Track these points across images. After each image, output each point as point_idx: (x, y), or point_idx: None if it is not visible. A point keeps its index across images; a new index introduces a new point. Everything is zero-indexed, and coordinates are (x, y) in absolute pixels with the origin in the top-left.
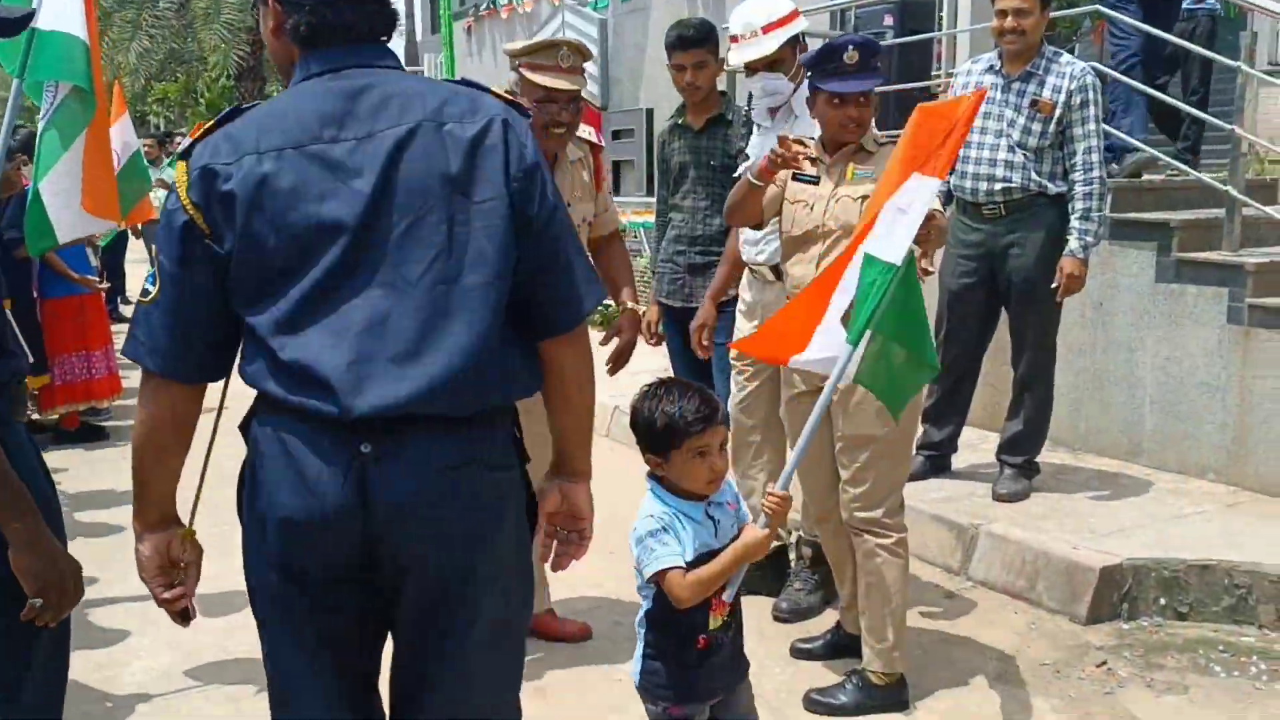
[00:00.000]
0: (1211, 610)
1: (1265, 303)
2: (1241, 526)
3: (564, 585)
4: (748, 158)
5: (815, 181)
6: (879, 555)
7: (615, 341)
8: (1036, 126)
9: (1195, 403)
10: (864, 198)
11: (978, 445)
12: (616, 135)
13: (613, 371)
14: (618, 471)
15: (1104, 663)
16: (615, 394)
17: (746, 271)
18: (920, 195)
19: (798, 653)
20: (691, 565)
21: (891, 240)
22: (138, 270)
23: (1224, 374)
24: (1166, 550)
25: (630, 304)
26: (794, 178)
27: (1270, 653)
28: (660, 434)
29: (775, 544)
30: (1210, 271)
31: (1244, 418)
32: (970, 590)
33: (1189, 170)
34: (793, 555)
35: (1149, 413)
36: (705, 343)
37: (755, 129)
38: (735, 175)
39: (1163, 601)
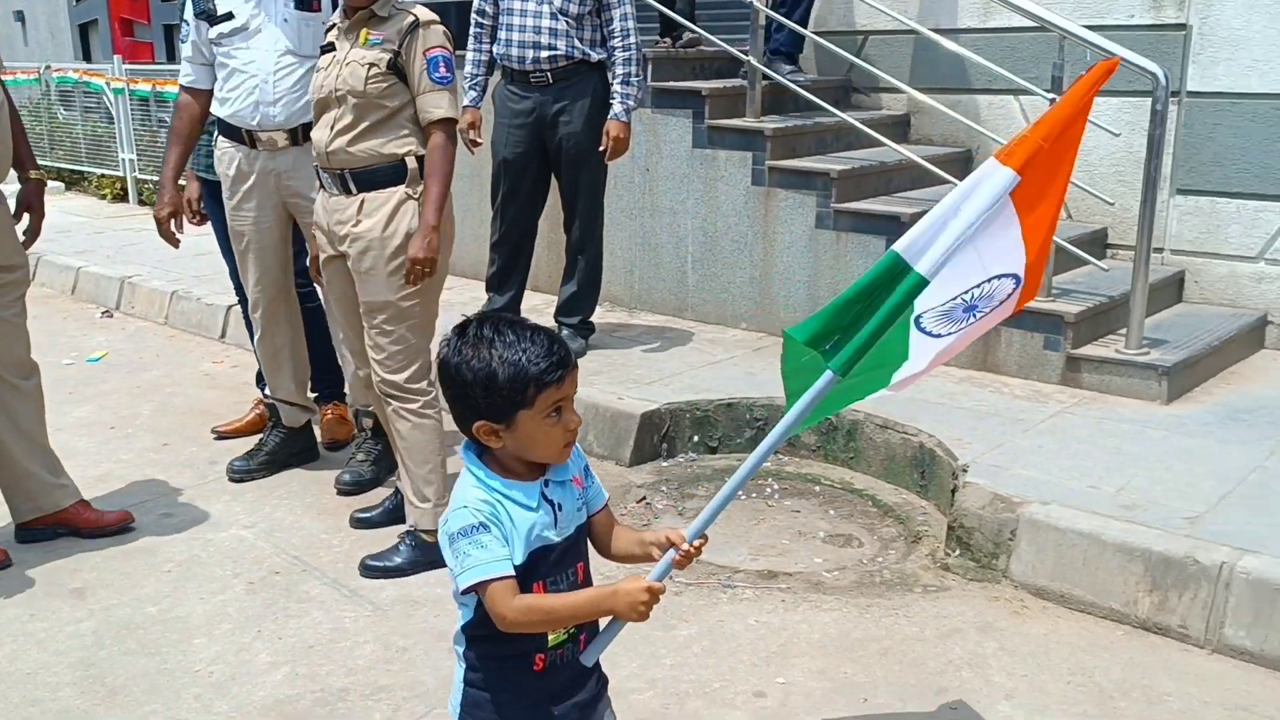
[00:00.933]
0: (736, 442)
1: (781, 164)
2: (764, 367)
3: (106, 478)
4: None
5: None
6: (407, 419)
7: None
8: None
9: (729, 259)
10: (371, 64)
11: (543, 310)
12: None
13: (27, 246)
14: (173, 358)
15: (644, 498)
16: (172, 281)
17: (223, 140)
18: (983, 188)
19: (357, 522)
20: (524, 568)
21: (932, 240)
22: None
23: (750, 232)
24: (699, 393)
25: (33, 173)
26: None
27: (782, 474)
28: (504, 391)
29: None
30: (736, 137)
31: (768, 270)
32: None
33: (717, 41)
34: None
35: (692, 270)
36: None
37: None
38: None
39: (696, 439)
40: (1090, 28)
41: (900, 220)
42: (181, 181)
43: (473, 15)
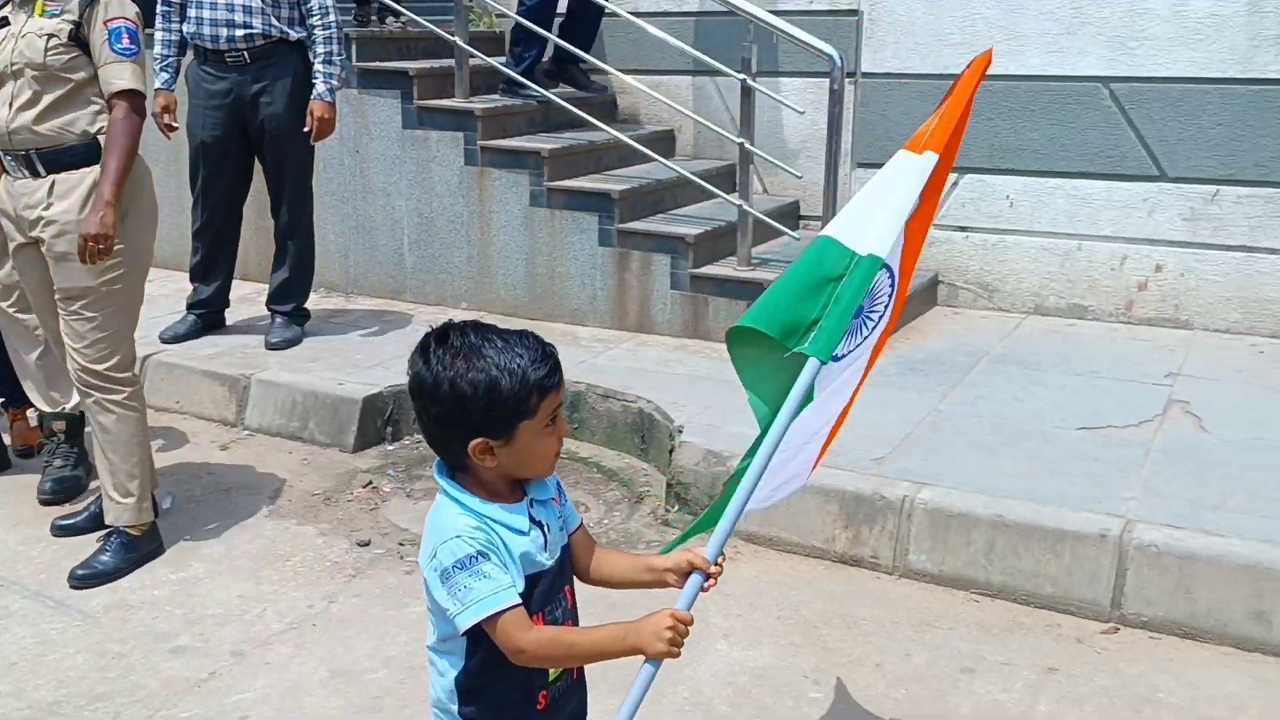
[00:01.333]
0: None
1: (493, 144)
2: None
3: None
4: None
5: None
6: (111, 411)
7: None
8: None
9: (446, 240)
10: (50, 35)
11: (254, 299)
12: None
13: None
14: None
15: (370, 483)
16: None
17: None
18: (904, 174)
19: (60, 530)
20: (522, 598)
21: (870, 225)
22: None
23: (466, 211)
24: None
25: None
26: None
27: None
28: (509, 401)
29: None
30: (446, 117)
31: (486, 249)
32: (247, 439)
33: (423, 21)
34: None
35: (409, 252)
36: None
37: None
38: None
39: None
40: (775, 13)
41: (611, 197)
42: None
43: None
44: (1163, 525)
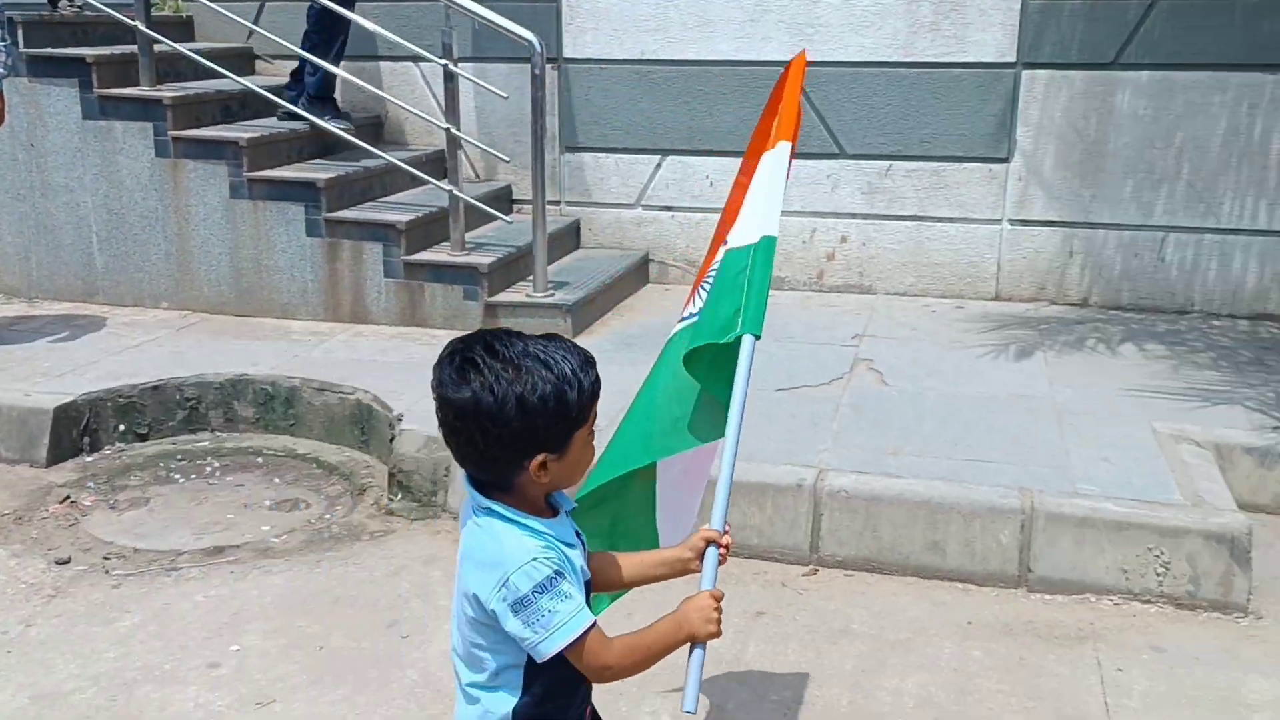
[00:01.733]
0: (169, 425)
1: (186, 134)
2: (191, 345)
3: None
4: None
5: None
6: None
7: None
8: None
9: (140, 236)
10: None
11: None
12: None
13: None
14: None
15: (68, 498)
16: None
17: None
18: (767, 167)
19: None
20: None
21: (755, 221)
22: None
23: (161, 206)
24: (121, 379)
25: None
26: None
27: (221, 451)
28: (573, 412)
29: None
30: (132, 107)
31: (185, 245)
32: None
33: (99, 5)
34: None
35: (99, 251)
36: None
37: None
38: None
39: (123, 428)
40: None
41: (316, 186)
42: None
43: None
44: (851, 472)
